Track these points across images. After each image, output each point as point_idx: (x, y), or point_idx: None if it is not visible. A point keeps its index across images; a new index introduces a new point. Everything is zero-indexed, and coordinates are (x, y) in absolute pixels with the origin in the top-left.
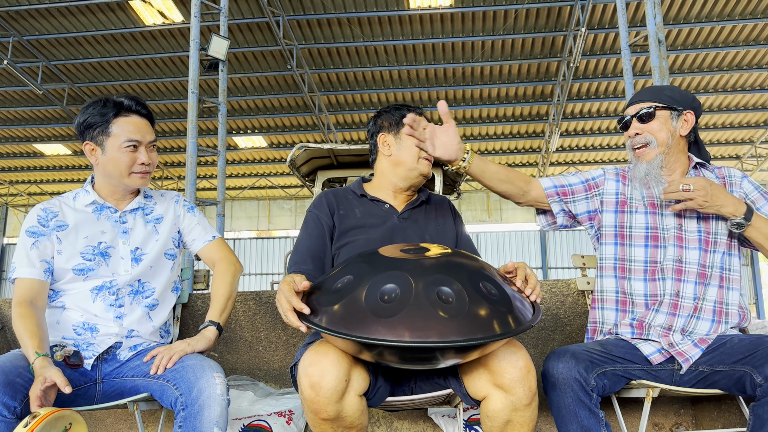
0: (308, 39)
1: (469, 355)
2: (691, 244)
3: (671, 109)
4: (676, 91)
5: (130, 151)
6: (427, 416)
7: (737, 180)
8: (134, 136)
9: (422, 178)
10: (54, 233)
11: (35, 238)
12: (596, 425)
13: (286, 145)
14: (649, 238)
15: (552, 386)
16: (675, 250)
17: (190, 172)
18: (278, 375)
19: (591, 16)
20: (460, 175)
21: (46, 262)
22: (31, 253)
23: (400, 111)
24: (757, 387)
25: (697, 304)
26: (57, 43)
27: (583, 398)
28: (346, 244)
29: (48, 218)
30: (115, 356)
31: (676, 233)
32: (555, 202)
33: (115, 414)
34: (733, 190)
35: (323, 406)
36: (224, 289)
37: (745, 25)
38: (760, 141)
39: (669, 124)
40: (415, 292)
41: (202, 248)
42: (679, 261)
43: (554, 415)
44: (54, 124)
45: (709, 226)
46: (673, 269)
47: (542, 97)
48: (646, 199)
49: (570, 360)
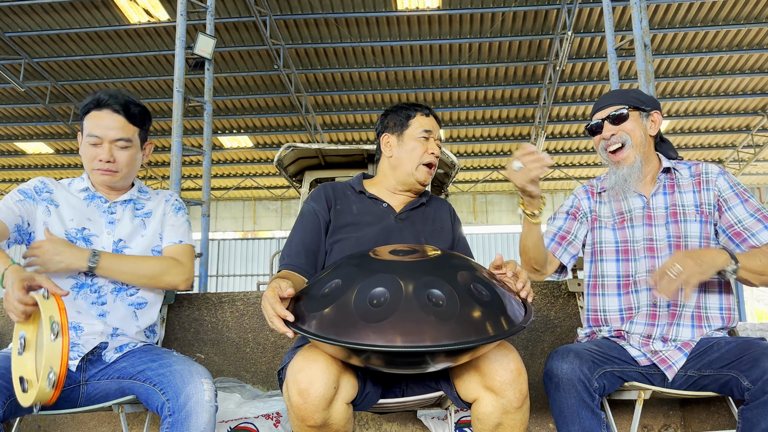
0: (295, 39)
1: (460, 358)
2: (662, 252)
3: (640, 109)
4: (641, 93)
5: (91, 146)
6: (416, 418)
7: (713, 177)
8: (95, 132)
9: (420, 185)
10: (44, 204)
11: (23, 197)
12: (597, 427)
13: (272, 145)
14: (620, 252)
15: (556, 387)
16: (647, 261)
17: (175, 171)
18: (265, 377)
19: (577, 20)
20: (448, 176)
21: (22, 220)
22: (12, 206)
23: (406, 111)
24: (745, 391)
25: (674, 311)
26: (40, 40)
27: (587, 399)
28: (339, 240)
29: (42, 189)
30: (101, 357)
31: (646, 245)
32: (563, 253)
33: (99, 417)
34: (709, 187)
35: (310, 413)
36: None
37: (728, 30)
38: (743, 145)
39: (641, 123)
40: (405, 295)
41: (167, 247)
42: (653, 270)
43: (555, 415)
44: (36, 122)
45: (678, 230)
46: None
47: (528, 99)
48: (616, 214)
49: (574, 360)
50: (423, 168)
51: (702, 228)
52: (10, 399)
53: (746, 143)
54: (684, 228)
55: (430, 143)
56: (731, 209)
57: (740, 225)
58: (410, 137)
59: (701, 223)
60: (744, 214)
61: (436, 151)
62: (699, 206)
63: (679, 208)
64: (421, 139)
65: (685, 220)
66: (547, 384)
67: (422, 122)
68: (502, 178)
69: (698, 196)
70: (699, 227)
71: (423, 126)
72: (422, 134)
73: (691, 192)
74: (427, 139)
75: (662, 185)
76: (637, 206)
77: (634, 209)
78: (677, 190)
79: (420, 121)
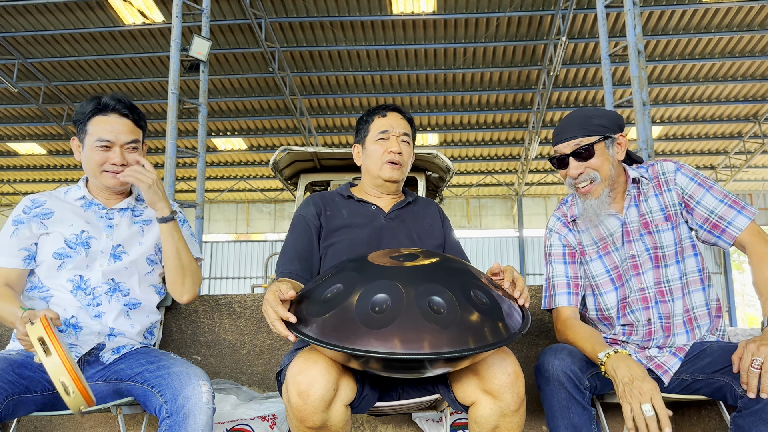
0: (290, 42)
1: (459, 364)
2: (645, 267)
3: (605, 138)
4: (603, 116)
5: (101, 150)
6: (411, 420)
7: (671, 176)
8: (105, 136)
9: (389, 183)
10: (37, 220)
11: (15, 227)
12: (587, 422)
13: (266, 147)
14: (614, 281)
15: (545, 381)
16: (635, 279)
17: (169, 173)
18: (262, 379)
19: (572, 26)
20: (443, 180)
21: (26, 250)
22: (10, 242)
23: (366, 117)
24: (738, 398)
25: (668, 324)
26: (34, 40)
27: (576, 395)
28: (333, 243)
29: (32, 207)
30: (98, 358)
31: (630, 263)
32: (583, 296)
33: (96, 418)
34: (669, 187)
35: (310, 414)
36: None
37: (721, 37)
38: (735, 152)
39: (607, 155)
40: (407, 302)
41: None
42: (641, 289)
43: (546, 409)
44: (29, 122)
45: (654, 241)
46: (638, 299)
47: (522, 104)
48: (598, 241)
49: (566, 357)
50: (386, 166)
51: (674, 234)
52: (7, 400)
53: (738, 150)
54: (658, 239)
55: (390, 142)
56: (699, 202)
57: (714, 215)
58: (370, 141)
59: (672, 230)
60: (714, 202)
61: (395, 148)
62: (665, 209)
63: (649, 217)
64: (379, 141)
65: (658, 230)
66: (537, 378)
67: (379, 124)
68: (495, 183)
69: (662, 198)
70: (672, 234)
71: (379, 128)
72: (380, 135)
73: (653, 196)
74: (386, 139)
75: (632, 197)
76: (615, 226)
77: (614, 232)
78: (642, 199)
79: (377, 124)
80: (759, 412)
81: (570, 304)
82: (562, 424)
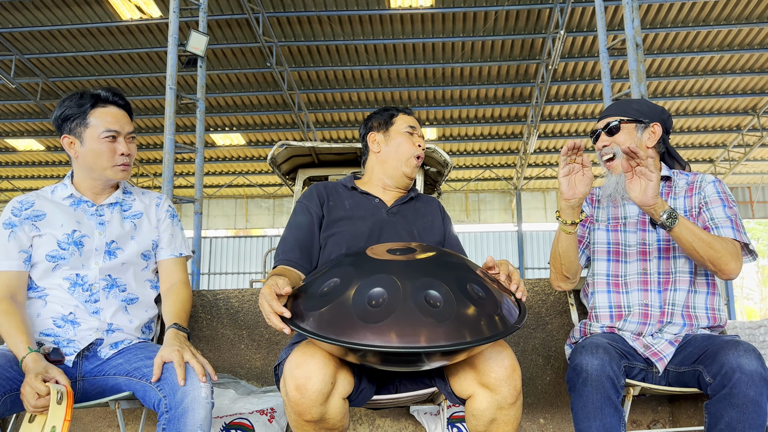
0: (288, 36)
1: (456, 357)
2: (652, 255)
3: (637, 121)
4: (645, 105)
5: (108, 141)
6: (409, 414)
7: (705, 184)
8: (112, 126)
9: (407, 179)
10: (29, 222)
11: (10, 229)
12: (618, 424)
13: (264, 143)
14: (610, 253)
15: (584, 382)
16: (638, 264)
17: (167, 169)
18: (260, 373)
19: (570, 19)
20: (441, 174)
21: (24, 252)
22: (8, 245)
23: (389, 111)
24: (707, 386)
25: (664, 310)
26: (31, 36)
27: (612, 396)
28: (334, 234)
29: (22, 209)
30: (96, 354)
31: (639, 248)
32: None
33: (94, 412)
34: (698, 192)
35: (308, 408)
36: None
37: (720, 30)
38: (733, 145)
39: (634, 135)
40: (403, 296)
41: (167, 259)
42: (644, 273)
43: (577, 409)
44: (27, 119)
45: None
46: (638, 281)
47: (521, 98)
48: (611, 218)
49: (604, 355)
50: (413, 160)
51: None
52: (6, 396)
53: (737, 143)
54: None
55: (415, 138)
56: (710, 209)
57: (712, 222)
58: (396, 132)
59: None
60: (721, 214)
61: (422, 144)
62: (688, 211)
63: None
64: (406, 134)
65: None
66: (573, 378)
67: (406, 120)
68: (494, 177)
69: (688, 201)
70: None
71: (407, 123)
72: (407, 129)
73: (683, 197)
74: (412, 135)
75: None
76: (633, 213)
77: (630, 216)
78: (671, 197)
79: (404, 119)
80: (727, 397)
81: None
82: (594, 426)
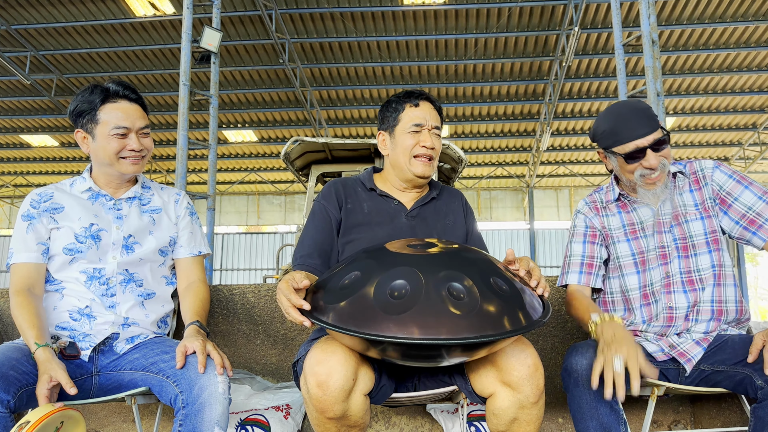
0: (301, 33)
1: (477, 354)
2: (672, 256)
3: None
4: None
5: (118, 138)
6: (425, 411)
7: (708, 172)
8: (122, 123)
9: (419, 179)
10: (47, 214)
11: (29, 222)
12: (615, 423)
13: (276, 139)
14: (638, 264)
15: (575, 382)
16: (661, 269)
17: (181, 165)
18: (276, 369)
19: (584, 16)
20: (455, 171)
21: (43, 244)
22: (27, 237)
23: (396, 105)
24: (759, 389)
25: (691, 310)
26: (45, 32)
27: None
28: (351, 241)
29: (40, 201)
30: (112, 348)
31: (658, 252)
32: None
33: (109, 407)
34: (706, 182)
35: (330, 405)
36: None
37: (736, 27)
38: (749, 143)
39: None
40: (426, 288)
41: (186, 258)
42: (666, 276)
43: (573, 410)
44: (41, 115)
45: (683, 232)
46: (662, 285)
47: (534, 95)
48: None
49: (594, 356)
50: (416, 161)
51: (705, 225)
52: (21, 390)
53: (752, 141)
54: (688, 228)
55: (422, 135)
56: (738, 198)
57: (752, 212)
58: (401, 132)
59: (703, 219)
60: (753, 198)
61: (428, 142)
62: (700, 204)
63: (681, 209)
64: (411, 133)
65: (687, 220)
66: (565, 379)
67: (411, 115)
68: (506, 174)
69: (697, 194)
70: (702, 224)
71: (413, 120)
72: (412, 128)
73: (689, 192)
74: (419, 132)
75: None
76: (647, 217)
77: (645, 220)
78: (677, 193)
79: (409, 114)
80: None
81: (580, 282)
82: (591, 426)
